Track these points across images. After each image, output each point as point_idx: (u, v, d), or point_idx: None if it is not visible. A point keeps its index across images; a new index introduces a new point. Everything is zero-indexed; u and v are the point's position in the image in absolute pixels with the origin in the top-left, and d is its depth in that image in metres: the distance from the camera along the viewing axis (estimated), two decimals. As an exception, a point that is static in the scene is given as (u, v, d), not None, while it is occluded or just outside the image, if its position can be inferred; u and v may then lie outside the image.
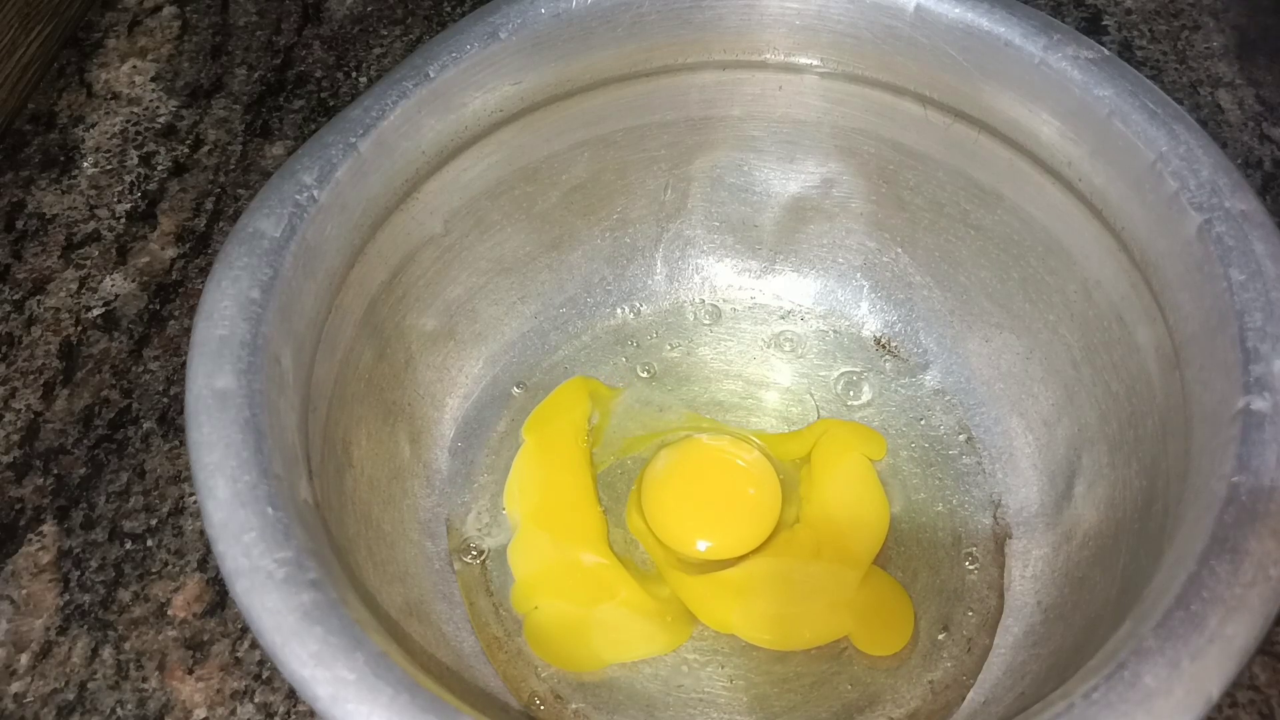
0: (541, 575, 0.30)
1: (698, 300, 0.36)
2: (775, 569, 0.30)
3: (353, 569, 0.25)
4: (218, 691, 0.29)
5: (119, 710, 0.29)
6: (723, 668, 0.29)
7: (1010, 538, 0.31)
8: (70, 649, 0.30)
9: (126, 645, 0.30)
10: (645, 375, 0.34)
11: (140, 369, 0.35)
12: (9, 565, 0.31)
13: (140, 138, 0.41)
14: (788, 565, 0.30)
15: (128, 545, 0.32)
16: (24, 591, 0.31)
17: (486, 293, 0.33)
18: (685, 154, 0.34)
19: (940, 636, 0.29)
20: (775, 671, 0.29)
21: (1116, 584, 0.26)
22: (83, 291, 0.37)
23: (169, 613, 0.30)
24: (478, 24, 0.29)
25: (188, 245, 0.38)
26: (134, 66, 0.43)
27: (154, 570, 0.31)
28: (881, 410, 0.33)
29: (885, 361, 0.34)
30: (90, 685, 0.29)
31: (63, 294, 0.37)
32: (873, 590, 0.30)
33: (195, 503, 0.32)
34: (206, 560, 0.31)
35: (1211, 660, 0.19)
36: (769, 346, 0.35)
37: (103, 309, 0.36)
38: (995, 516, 0.31)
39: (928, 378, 0.34)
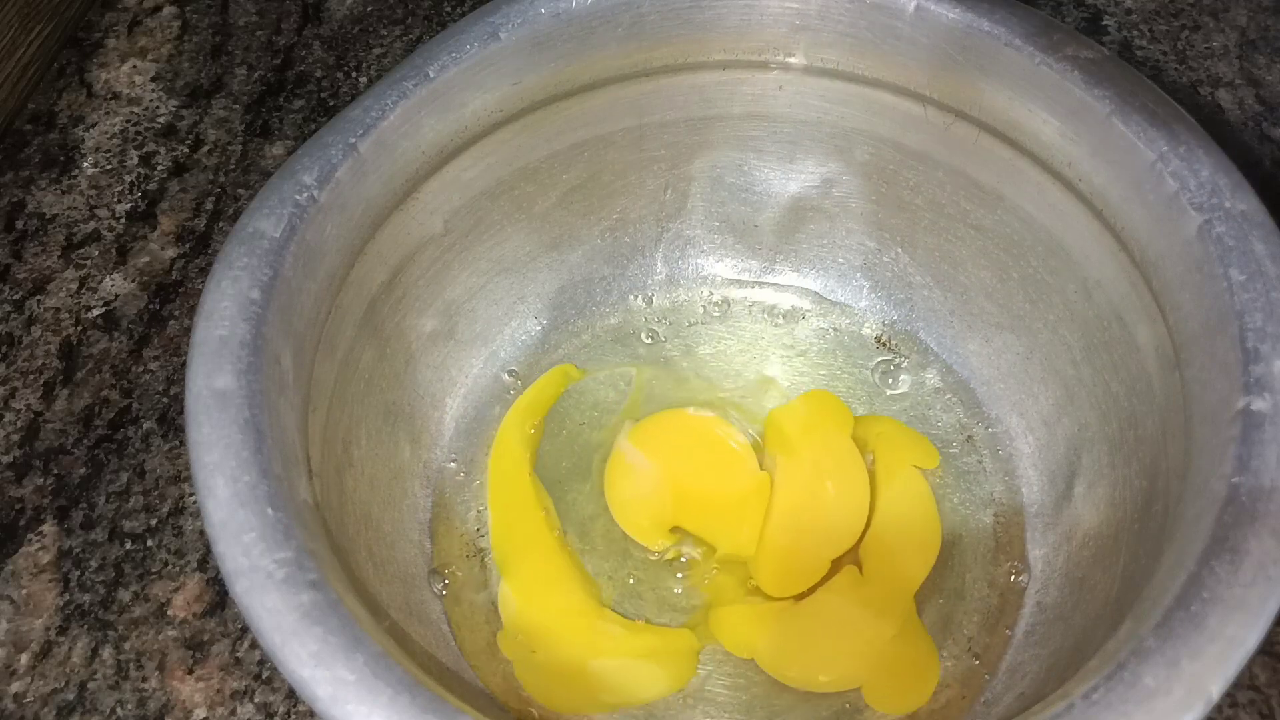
0: (528, 625, 0.29)
1: (698, 300, 0.36)
2: (817, 605, 0.29)
3: (353, 569, 0.25)
4: (218, 691, 0.29)
5: (119, 710, 0.29)
6: (723, 667, 0.29)
7: (1011, 537, 0.31)
8: (70, 649, 0.30)
9: (126, 645, 0.30)
10: (645, 374, 0.34)
11: (140, 369, 0.35)
12: (9, 565, 0.31)
13: (140, 138, 0.41)
14: (829, 604, 0.29)
15: (128, 545, 0.32)
16: (24, 591, 0.31)
17: (486, 293, 0.33)
18: (685, 154, 0.34)
19: (940, 636, 0.29)
20: (775, 671, 0.29)
21: (1116, 584, 0.26)
22: (83, 291, 0.37)
23: (169, 613, 0.30)
24: (478, 24, 0.29)
25: (188, 245, 0.38)
26: (134, 66, 0.43)
27: (154, 570, 0.31)
28: (882, 410, 0.33)
29: (885, 361, 0.34)
30: (90, 685, 0.29)
31: (63, 294, 0.37)
32: (903, 647, 0.29)
33: (195, 503, 0.32)
34: (206, 560, 0.31)
35: (1211, 660, 0.19)
36: (769, 346, 0.35)
37: (103, 309, 0.36)
38: (995, 516, 0.31)
39: (928, 378, 0.34)
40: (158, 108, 0.42)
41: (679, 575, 0.30)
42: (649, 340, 0.35)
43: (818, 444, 0.32)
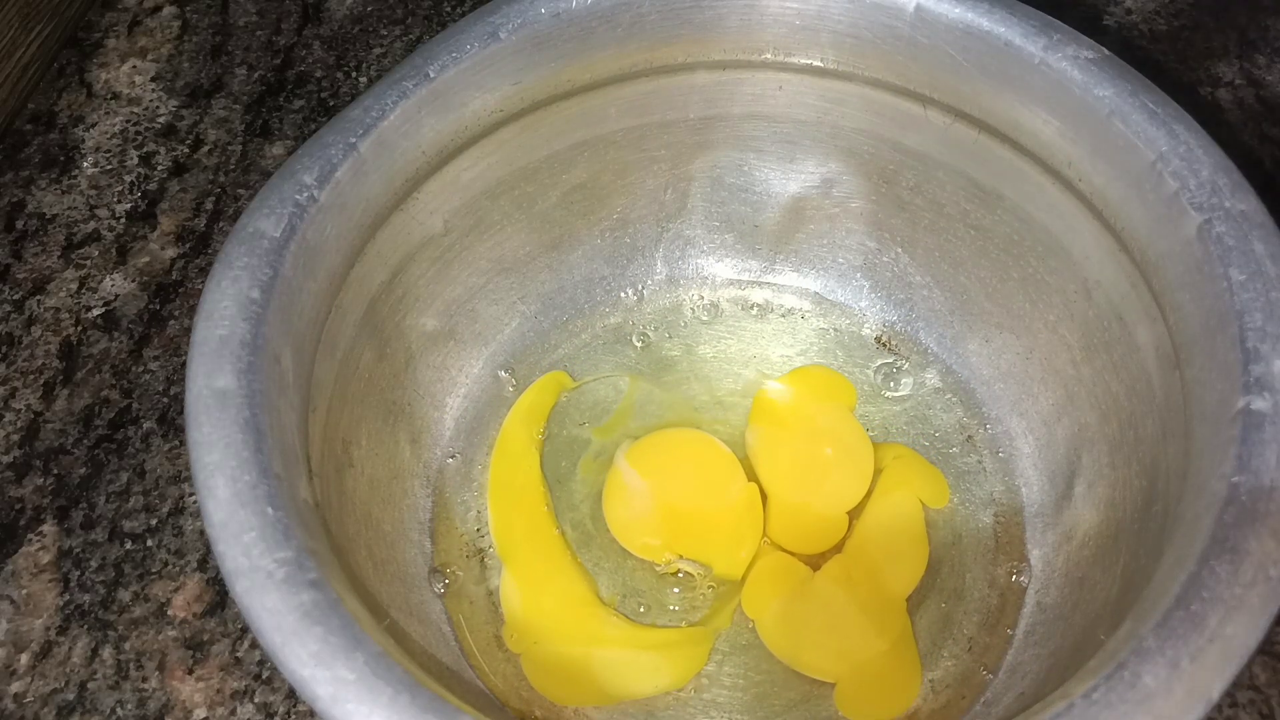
0: (532, 619, 0.30)
1: (698, 299, 0.36)
2: (830, 590, 0.30)
3: (353, 569, 0.25)
4: (218, 691, 0.29)
5: (119, 710, 0.29)
6: (723, 667, 0.29)
7: (1011, 537, 0.31)
8: (70, 649, 0.30)
9: (126, 645, 0.30)
10: (645, 374, 0.34)
11: (140, 369, 0.35)
12: (9, 565, 0.31)
13: (140, 138, 0.41)
14: (836, 596, 0.30)
15: (128, 545, 0.32)
16: (24, 591, 0.31)
17: (486, 293, 0.33)
18: (685, 154, 0.34)
19: (940, 636, 0.29)
20: (775, 671, 0.29)
21: (1116, 584, 0.26)
22: (83, 291, 0.37)
23: (169, 613, 0.30)
24: (478, 24, 0.29)
25: (188, 245, 0.38)
26: (134, 66, 0.43)
27: (154, 570, 0.31)
28: (882, 410, 0.33)
29: (885, 361, 0.34)
30: (90, 685, 0.29)
31: (63, 294, 0.37)
32: (887, 664, 0.29)
33: (195, 503, 0.32)
34: (206, 560, 0.31)
35: (1211, 660, 0.19)
36: (769, 346, 0.35)
37: (103, 309, 0.36)
38: (995, 516, 0.31)
39: (928, 378, 0.34)
40: (158, 108, 0.42)
41: (675, 590, 0.30)
42: (649, 340, 0.35)
43: (810, 413, 0.33)
